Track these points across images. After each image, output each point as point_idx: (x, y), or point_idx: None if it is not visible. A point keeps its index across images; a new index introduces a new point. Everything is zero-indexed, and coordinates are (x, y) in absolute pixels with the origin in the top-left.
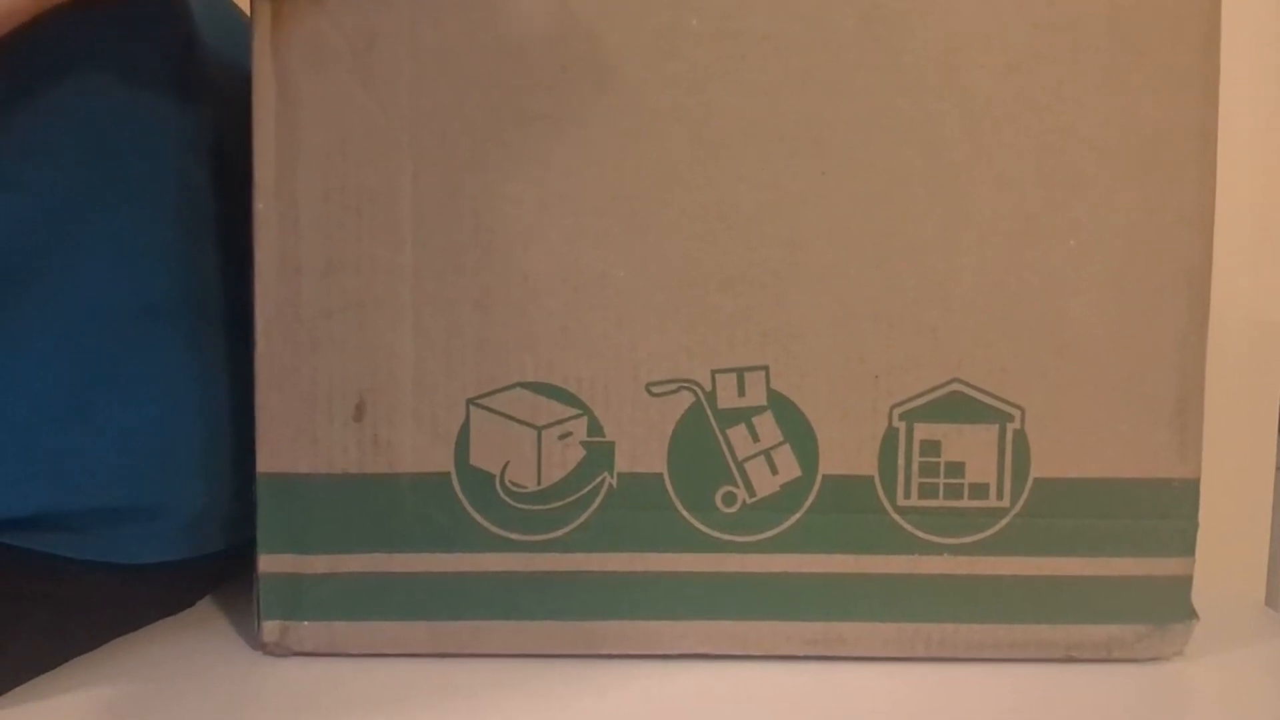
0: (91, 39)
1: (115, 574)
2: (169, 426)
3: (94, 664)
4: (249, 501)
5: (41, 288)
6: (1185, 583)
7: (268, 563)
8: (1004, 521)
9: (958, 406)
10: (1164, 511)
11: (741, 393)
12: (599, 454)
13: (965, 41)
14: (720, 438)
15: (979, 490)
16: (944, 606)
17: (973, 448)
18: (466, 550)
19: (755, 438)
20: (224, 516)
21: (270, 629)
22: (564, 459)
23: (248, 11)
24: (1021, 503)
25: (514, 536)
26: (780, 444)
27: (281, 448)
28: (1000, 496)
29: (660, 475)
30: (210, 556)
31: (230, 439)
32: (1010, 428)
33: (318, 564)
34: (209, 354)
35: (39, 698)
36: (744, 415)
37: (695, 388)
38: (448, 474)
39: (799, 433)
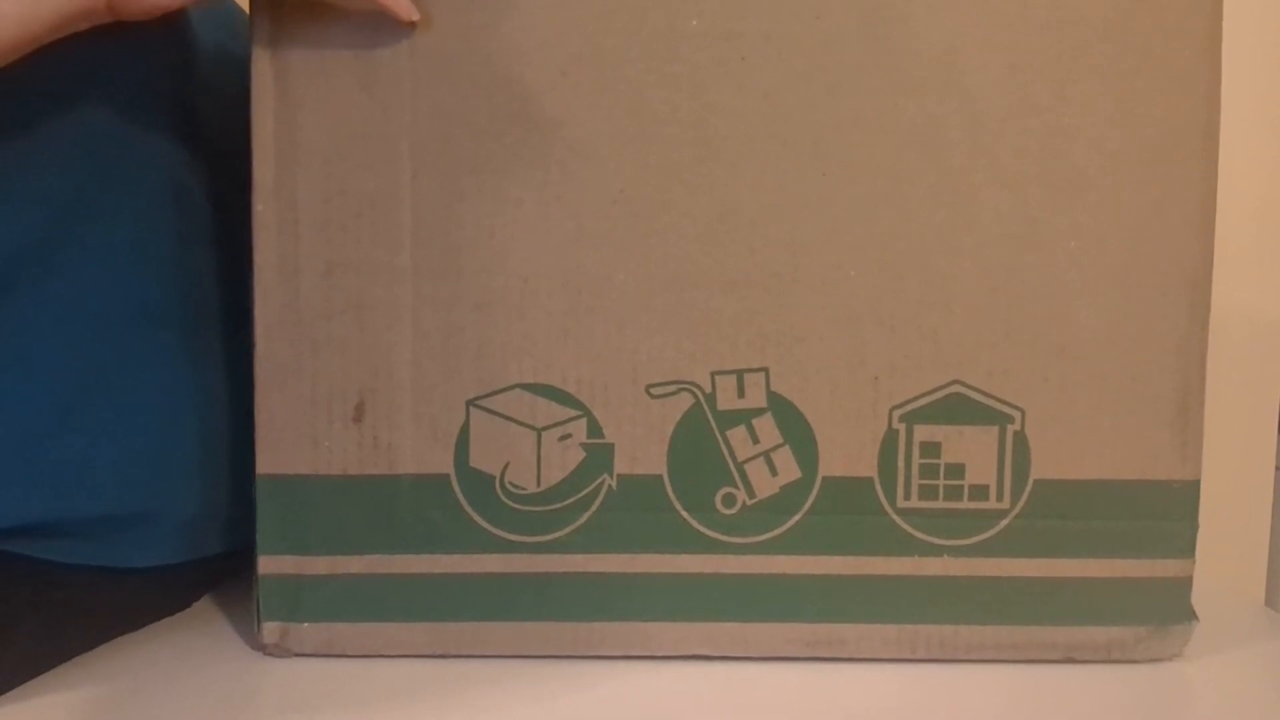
0: (90, 54)
1: (110, 578)
2: (165, 431)
3: (94, 664)
4: (246, 504)
5: (38, 294)
6: (1185, 584)
7: (267, 564)
8: (1004, 523)
9: (958, 408)
10: (1164, 513)
11: (741, 394)
12: (599, 455)
13: (966, 42)
14: (720, 439)
15: (979, 492)
16: (944, 608)
17: (973, 449)
18: (466, 551)
19: (755, 439)
20: (221, 520)
21: (270, 630)
22: (564, 460)
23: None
24: (1021, 504)
25: (514, 538)
26: (780, 445)
27: (281, 449)
28: (1000, 498)
29: (660, 477)
30: (207, 559)
31: (227, 443)
32: (1010, 429)
33: (317, 565)
34: (205, 359)
35: (39, 697)
36: (744, 417)
37: (695, 389)
38: (447, 475)
39: (799, 434)
